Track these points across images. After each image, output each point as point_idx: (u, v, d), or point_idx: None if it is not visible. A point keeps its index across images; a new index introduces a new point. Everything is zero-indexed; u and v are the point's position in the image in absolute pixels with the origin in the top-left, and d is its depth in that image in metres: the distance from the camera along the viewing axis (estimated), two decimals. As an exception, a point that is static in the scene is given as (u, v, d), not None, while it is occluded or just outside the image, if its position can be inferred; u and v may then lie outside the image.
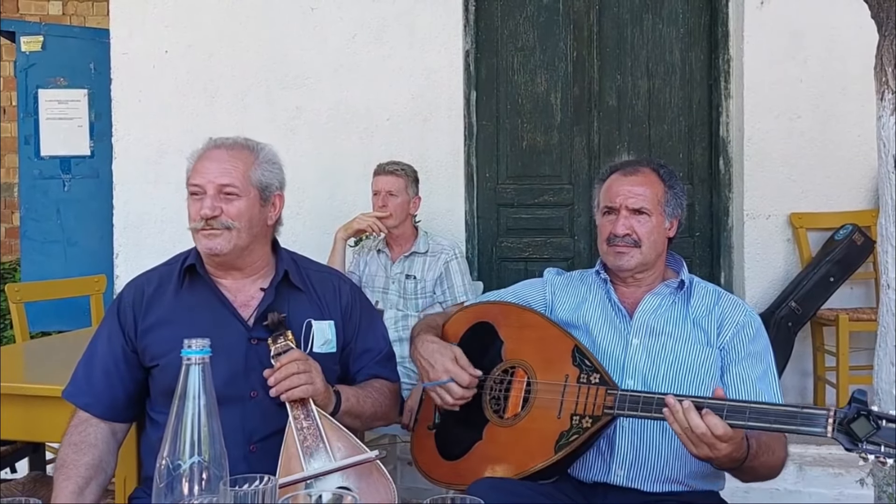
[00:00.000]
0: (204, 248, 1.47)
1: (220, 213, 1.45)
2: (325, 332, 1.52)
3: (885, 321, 1.77)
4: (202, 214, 1.45)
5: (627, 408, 1.38)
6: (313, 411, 1.34)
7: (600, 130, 3.65)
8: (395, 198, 2.76)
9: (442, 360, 1.51)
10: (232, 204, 1.46)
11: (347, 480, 1.27)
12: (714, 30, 3.60)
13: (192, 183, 1.48)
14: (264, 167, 1.51)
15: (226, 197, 1.46)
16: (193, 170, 1.49)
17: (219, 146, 1.50)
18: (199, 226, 1.46)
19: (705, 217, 3.65)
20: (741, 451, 1.32)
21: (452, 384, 1.49)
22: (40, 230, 4.04)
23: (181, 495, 0.92)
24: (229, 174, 1.46)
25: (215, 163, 1.47)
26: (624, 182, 1.61)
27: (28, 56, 4.02)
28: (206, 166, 1.47)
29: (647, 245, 1.58)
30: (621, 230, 1.57)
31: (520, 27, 3.65)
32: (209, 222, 1.45)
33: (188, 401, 0.94)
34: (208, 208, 1.44)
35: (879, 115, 1.73)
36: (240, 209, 1.47)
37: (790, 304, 3.27)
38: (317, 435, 1.30)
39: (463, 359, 1.52)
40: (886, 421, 1.17)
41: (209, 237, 1.46)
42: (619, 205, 1.59)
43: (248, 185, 1.48)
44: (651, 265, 1.61)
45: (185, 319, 1.46)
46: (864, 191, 3.43)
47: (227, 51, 3.55)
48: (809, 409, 1.25)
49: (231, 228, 1.46)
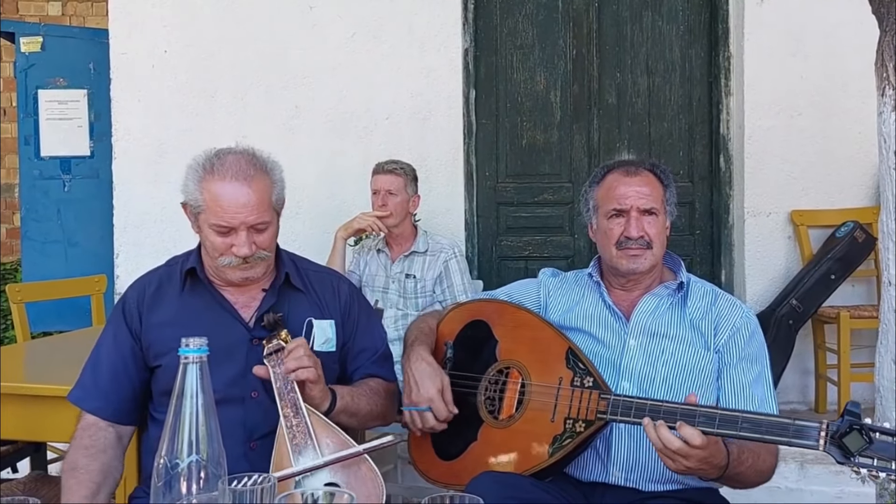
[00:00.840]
0: (238, 279, 1.47)
1: (256, 249, 1.43)
2: (325, 330, 1.53)
3: (886, 318, 1.77)
4: (240, 254, 1.41)
5: (621, 413, 1.37)
6: (302, 409, 1.34)
7: (600, 128, 3.65)
8: (395, 197, 2.76)
9: (429, 386, 1.48)
10: (263, 235, 1.44)
11: (336, 476, 1.27)
12: (714, 27, 3.60)
13: (217, 224, 1.41)
14: (278, 185, 1.49)
15: (255, 230, 1.43)
16: (217, 206, 1.40)
17: (238, 178, 1.40)
18: (236, 263, 1.43)
19: (706, 215, 3.65)
20: (720, 456, 1.31)
21: (428, 414, 1.48)
22: (41, 230, 4.05)
23: (179, 494, 0.92)
24: (257, 210, 1.41)
25: (241, 199, 1.40)
26: (630, 183, 1.58)
27: (27, 57, 4.02)
28: (232, 205, 1.39)
29: (658, 245, 1.57)
30: (636, 232, 1.54)
31: (519, 25, 3.65)
32: (246, 259, 1.43)
33: (186, 399, 0.95)
34: (246, 248, 1.41)
35: (880, 112, 1.72)
36: (270, 236, 1.46)
37: (791, 302, 3.26)
38: (305, 432, 1.31)
39: (448, 393, 1.50)
40: (880, 434, 1.16)
41: (244, 270, 1.45)
42: (630, 206, 1.55)
43: (272, 210, 1.47)
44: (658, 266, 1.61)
45: (188, 321, 1.46)
46: (866, 188, 3.42)
47: (226, 50, 3.55)
48: (801, 421, 1.23)
49: (265, 258, 1.46)
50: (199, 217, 1.44)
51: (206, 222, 1.43)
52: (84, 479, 1.36)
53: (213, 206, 1.41)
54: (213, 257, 1.45)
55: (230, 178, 1.40)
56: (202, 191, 1.42)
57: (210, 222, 1.42)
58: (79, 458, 1.39)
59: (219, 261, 1.44)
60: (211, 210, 1.41)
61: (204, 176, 1.42)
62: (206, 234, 1.44)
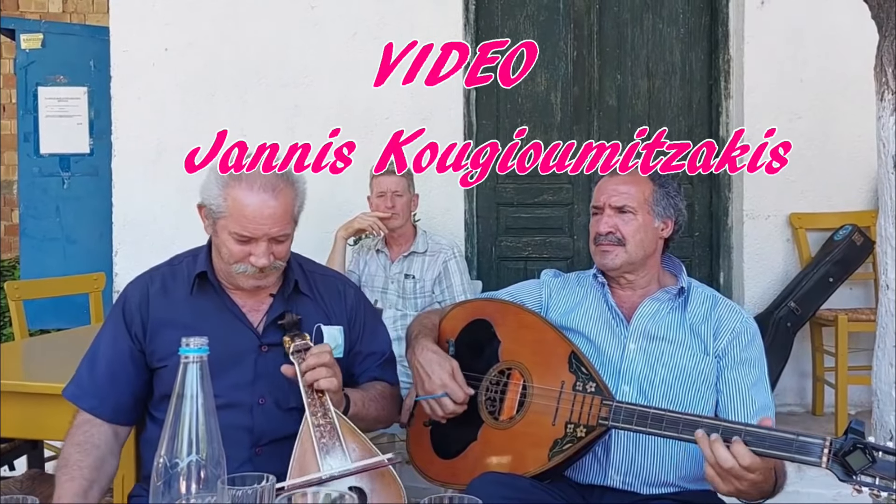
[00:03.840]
0: (250, 287, 1.46)
1: (273, 260, 1.43)
2: (335, 337, 1.52)
3: (883, 322, 1.78)
4: (258, 265, 1.41)
5: (623, 420, 1.36)
6: (331, 409, 1.34)
7: (600, 130, 3.65)
8: (401, 197, 2.78)
9: (440, 372, 1.49)
10: (282, 246, 1.44)
11: (360, 481, 1.27)
12: (714, 30, 3.60)
13: (238, 233, 1.39)
14: (301, 196, 1.48)
15: (276, 241, 1.42)
16: (240, 215, 1.38)
17: (266, 189, 1.39)
18: (252, 272, 1.42)
19: (705, 217, 3.65)
20: (769, 482, 1.29)
21: (446, 399, 1.48)
22: (40, 228, 4.04)
23: (179, 494, 0.92)
24: (281, 222, 1.40)
25: (267, 211, 1.38)
26: (610, 182, 1.62)
27: (28, 54, 4.01)
28: (257, 216, 1.38)
29: (633, 244, 1.56)
30: (604, 228, 1.58)
31: (520, 26, 3.65)
32: (262, 270, 1.42)
33: (186, 399, 0.94)
34: (265, 259, 1.40)
35: (879, 116, 1.73)
36: (288, 248, 1.46)
37: (789, 305, 3.27)
38: (333, 433, 1.30)
39: (459, 375, 1.51)
40: (882, 453, 1.15)
41: (258, 279, 1.44)
42: (604, 203, 1.59)
43: (293, 223, 1.46)
44: (639, 265, 1.59)
45: (195, 324, 1.43)
46: (864, 191, 3.43)
47: (226, 49, 3.55)
48: (805, 436, 1.22)
49: (279, 269, 1.46)
50: (218, 222, 1.42)
51: (225, 228, 1.40)
52: (76, 476, 1.35)
53: (236, 215, 1.38)
54: (227, 263, 1.44)
55: (258, 189, 1.38)
56: (226, 197, 1.39)
57: (231, 230, 1.40)
58: (72, 454, 1.38)
59: (234, 268, 1.43)
60: (233, 218, 1.39)
61: (229, 182, 1.39)
62: (224, 241, 1.42)
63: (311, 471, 1.25)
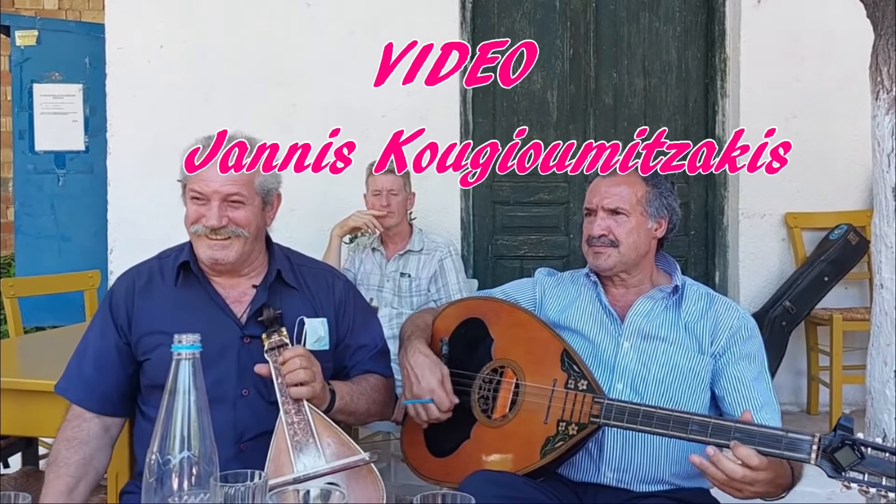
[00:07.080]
0: (207, 259, 1.46)
1: (228, 223, 1.43)
2: (317, 329, 1.51)
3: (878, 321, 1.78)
4: (208, 225, 1.42)
5: (614, 417, 1.37)
6: (304, 406, 1.33)
7: (596, 128, 3.65)
8: (397, 196, 2.78)
9: (430, 378, 1.49)
10: (238, 211, 1.44)
11: (336, 477, 1.26)
12: (711, 28, 3.61)
13: (193, 190, 1.44)
14: (266, 176, 1.49)
15: (231, 204, 1.44)
16: (196, 176, 1.44)
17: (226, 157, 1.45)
18: (203, 232, 1.44)
19: (700, 216, 3.66)
20: (786, 476, 1.28)
21: (432, 405, 1.48)
22: (34, 225, 4.03)
23: (171, 490, 0.92)
24: (235, 183, 1.43)
25: (221, 169, 1.43)
26: (602, 183, 1.61)
27: (23, 50, 4.00)
28: (210, 173, 1.43)
29: (626, 245, 1.56)
30: (597, 231, 1.57)
31: (516, 24, 3.65)
32: (215, 231, 1.43)
33: (178, 396, 0.94)
34: (215, 219, 1.42)
35: (874, 115, 1.73)
36: (247, 216, 1.45)
37: (784, 304, 3.28)
38: (307, 430, 1.30)
39: (448, 383, 1.51)
40: (871, 449, 1.16)
41: (214, 248, 1.44)
42: (596, 206, 1.59)
43: (253, 192, 1.46)
44: (633, 266, 1.59)
45: (179, 315, 1.45)
46: (859, 191, 3.44)
47: (222, 46, 3.54)
48: (794, 433, 1.22)
49: (239, 236, 1.45)
50: (185, 190, 1.48)
51: (188, 193, 1.47)
52: (62, 473, 1.35)
53: (194, 176, 1.45)
54: (187, 227, 1.47)
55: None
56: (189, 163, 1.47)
57: (190, 189, 1.45)
58: (60, 451, 1.39)
59: (191, 229, 1.46)
60: (192, 179, 1.45)
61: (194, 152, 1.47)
62: (187, 206, 1.48)
63: (286, 470, 1.25)
